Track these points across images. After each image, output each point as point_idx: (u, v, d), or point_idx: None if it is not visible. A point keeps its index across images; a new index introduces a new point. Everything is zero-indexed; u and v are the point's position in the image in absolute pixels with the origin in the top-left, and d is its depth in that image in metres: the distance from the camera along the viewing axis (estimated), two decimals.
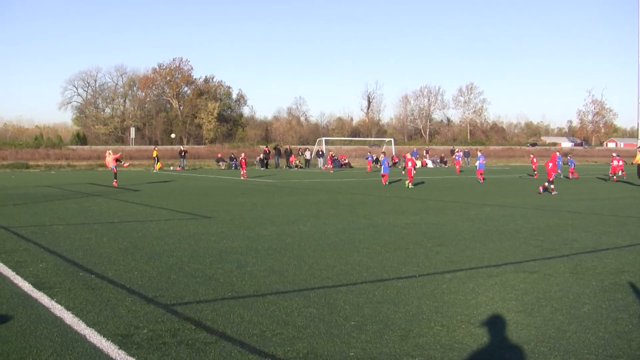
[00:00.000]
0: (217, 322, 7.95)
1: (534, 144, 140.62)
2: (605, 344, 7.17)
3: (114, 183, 35.16)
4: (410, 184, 36.24)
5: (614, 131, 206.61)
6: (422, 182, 40.06)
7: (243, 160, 49.06)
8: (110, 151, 37.50)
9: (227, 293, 9.56)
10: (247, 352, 6.84)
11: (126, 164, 37.35)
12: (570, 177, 46.28)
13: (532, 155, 54.84)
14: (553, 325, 7.92)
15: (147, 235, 15.58)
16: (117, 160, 35.69)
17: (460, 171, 56.42)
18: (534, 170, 50.95)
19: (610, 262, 12.29)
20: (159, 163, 62.03)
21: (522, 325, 7.92)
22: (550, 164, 31.42)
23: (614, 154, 48.25)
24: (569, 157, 52.25)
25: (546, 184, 31.46)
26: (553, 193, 30.51)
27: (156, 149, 69.39)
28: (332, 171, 59.15)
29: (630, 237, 15.79)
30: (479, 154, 44.25)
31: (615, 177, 44.05)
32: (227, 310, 8.53)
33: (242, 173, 48.39)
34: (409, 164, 37.53)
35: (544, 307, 8.79)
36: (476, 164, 44.76)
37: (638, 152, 39.94)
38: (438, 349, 6.98)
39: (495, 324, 7.97)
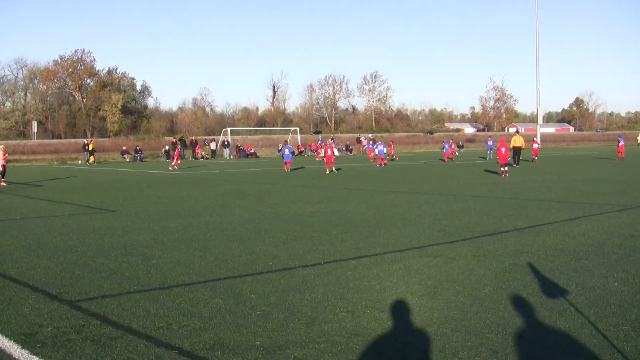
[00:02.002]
0: (123, 316, 7.87)
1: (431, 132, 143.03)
2: (505, 323, 7.36)
3: (2, 182, 31.97)
4: (332, 170, 38.77)
5: (514, 117, 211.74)
6: (340, 168, 40.30)
7: (328, 150, 48.56)
8: (2, 146, 35.01)
9: (133, 287, 9.47)
10: (153, 346, 6.80)
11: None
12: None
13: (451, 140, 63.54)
14: (455, 307, 8.09)
15: (50, 231, 15.30)
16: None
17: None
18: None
19: (510, 244, 12.61)
20: (92, 156, 61.02)
21: (426, 308, 8.07)
22: (503, 149, 33.65)
23: (451, 140, 63.37)
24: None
25: (502, 168, 33.50)
26: (506, 175, 32.82)
27: (92, 141, 68.10)
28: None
29: (530, 219, 16.20)
30: (379, 141, 47.23)
31: (448, 159, 53.42)
32: (133, 304, 8.45)
33: (174, 162, 48.61)
34: (329, 151, 40.06)
35: (447, 290, 8.97)
36: (376, 152, 47.09)
37: (515, 136, 41.79)
38: (343, 335, 7.05)
39: (400, 308, 8.10)
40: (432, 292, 8.86)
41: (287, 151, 41.98)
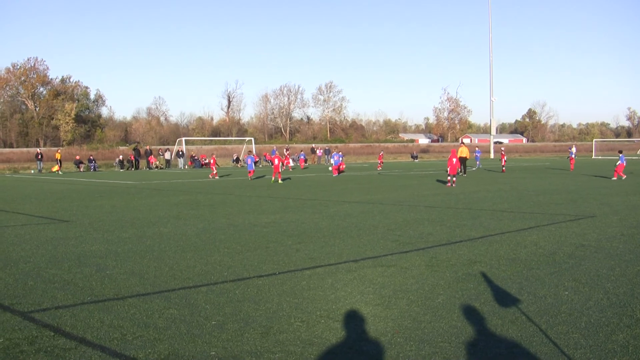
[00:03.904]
0: (77, 327, 7.82)
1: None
2: (458, 331, 7.44)
3: None
4: (278, 180, 39.47)
5: (468, 127, 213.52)
6: (289, 178, 40.85)
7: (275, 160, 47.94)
8: None
9: (87, 297, 9.41)
10: (107, 356, 6.77)
11: None
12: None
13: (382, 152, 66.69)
14: (409, 316, 8.16)
15: (2, 242, 15.12)
16: None
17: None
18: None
19: (463, 253, 12.73)
20: (56, 165, 60.74)
21: (380, 317, 8.12)
22: (455, 160, 34.65)
23: (381, 152, 66.96)
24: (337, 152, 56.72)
25: (449, 177, 34.46)
26: (453, 185, 33.96)
27: (59, 151, 67.71)
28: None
29: (483, 229, 16.37)
30: (335, 151, 49.36)
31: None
32: (87, 315, 8.40)
33: (213, 172, 48.46)
34: (276, 161, 41.03)
35: (401, 300, 9.04)
36: (332, 161, 48.45)
37: (460, 147, 42.32)
38: (298, 345, 7.09)
39: (354, 317, 8.15)
40: (386, 302, 8.92)
41: (249, 161, 43.69)
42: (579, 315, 8.09)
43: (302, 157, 70.24)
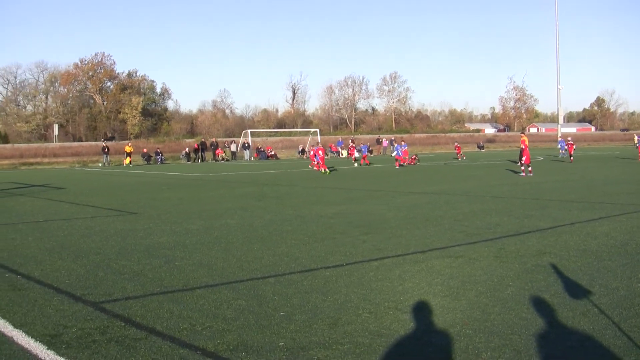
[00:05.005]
0: (147, 317, 7.90)
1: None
2: (527, 324, 7.34)
3: None
4: (325, 171, 40.18)
5: (535, 117, 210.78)
6: (335, 169, 40.91)
7: (320, 152, 44.74)
8: None
9: (156, 288, 9.51)
10: (177, 347, 6.83)
11: None
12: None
13: (456, 143, 66.16)
14: (478, 308, 8.08)
15: (73, 234, 15.37)
16: None
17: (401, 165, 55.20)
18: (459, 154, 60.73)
19: (532, 244, 12.56)
20: (127, 158, 61.92)
21: (448, 309, 8.06)
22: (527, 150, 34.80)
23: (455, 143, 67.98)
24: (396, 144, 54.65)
25: (524, 167, 34.57)
26: (530, 174, 33.68)
27: (129, 144, 69.04)
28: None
29: (552, 219, 16.13)
30: (401, 142, 48.90)
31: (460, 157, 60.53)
32: (157, 305, 8.49)
33: (316, 163, 45.48)
34: (320, 152, 42.20)
35: (469, 291, 8.96)
36: (399, 152, 47.35)
37: (521, 136, 41.72)
38: (366, 336, 7.06)
39: (422, 309, 8.10)
40: (454, 293, 8.85)
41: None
42: None
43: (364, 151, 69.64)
